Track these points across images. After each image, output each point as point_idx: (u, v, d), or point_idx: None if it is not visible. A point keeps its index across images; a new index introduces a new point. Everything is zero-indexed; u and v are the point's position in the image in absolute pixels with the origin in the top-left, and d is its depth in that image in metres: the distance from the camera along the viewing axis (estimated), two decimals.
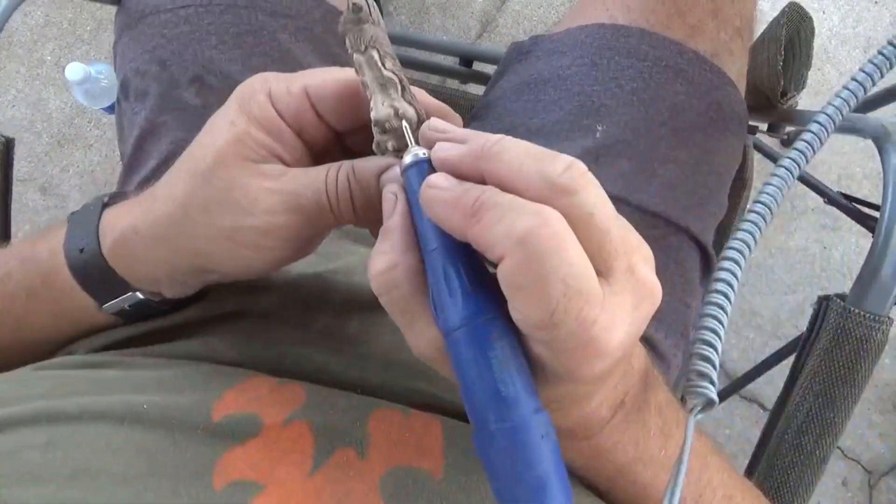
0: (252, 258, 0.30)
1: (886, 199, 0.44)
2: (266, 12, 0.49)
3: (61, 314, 0.36)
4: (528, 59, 0.54)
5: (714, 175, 0.51)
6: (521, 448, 0.22)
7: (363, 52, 0.27)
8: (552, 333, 0.21)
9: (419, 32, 1.22)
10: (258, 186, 0.28)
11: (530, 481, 0.22)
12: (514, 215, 0.21)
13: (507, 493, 0.22)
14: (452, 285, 0.23)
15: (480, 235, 0.22)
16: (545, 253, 0.20)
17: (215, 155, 0.28)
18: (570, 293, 0.20)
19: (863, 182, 1.20)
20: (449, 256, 0.24)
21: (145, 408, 0.30)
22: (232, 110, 0.29)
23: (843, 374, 0.45)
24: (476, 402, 0.23)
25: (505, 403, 0.22)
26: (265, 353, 0.36)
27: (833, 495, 1.13)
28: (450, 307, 0.23)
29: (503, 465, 0.22)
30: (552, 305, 0.20)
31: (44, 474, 0.27)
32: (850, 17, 1.23)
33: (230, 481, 0.28)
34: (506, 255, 0.21)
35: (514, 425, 0.22)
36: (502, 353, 0.22)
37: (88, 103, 1.05)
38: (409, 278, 0.24)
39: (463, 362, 0.23)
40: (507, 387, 0.22)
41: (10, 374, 0.33)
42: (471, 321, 0.23)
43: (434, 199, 0.23)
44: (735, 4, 0.50)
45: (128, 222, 0.32)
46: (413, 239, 0.25)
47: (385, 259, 0.24)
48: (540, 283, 0.20)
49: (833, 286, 1.18)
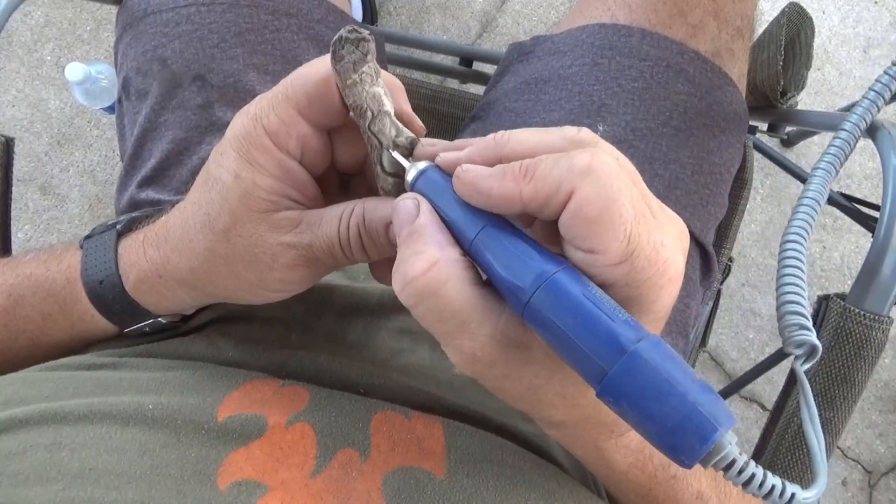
0: (273, 296, 0.31)
1: (886, 199, 0.44)
2: (267, 11, 0.50)
3: (78, 336, 0.36)
4: (529, 59, 0.54)
5: (714, 175, 0.51)
6: (670, 356, 0.20)
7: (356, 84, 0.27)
8: (632, 264, 0.21)
9: (419, 32, 1.22)
10: (276, 242, 0.28)
11: (696, 385, 0.20)
12: (568, 158, 0.22)
13: (675, 412, 0.20)
14: (519, 249, 0.22)
15: (539, 188, 0.22)
16: (610, 177, 0.21)
17: (230, 214, 0.28)
18: (639, 217, 0.21)
19: (863, 182, 1.20)
20: (500, 230, 0.23)
21: (150, 408, 0.30)
22: (233, 160, 0.28)
23: (842, 373, 0.45)
24: (597, 342, 0.20)
25: (631, 325, 0.21)
26: (269, 355, 0.36)
27: (833, 495, 1.13)
28: (524, 269, 0.22)
29: (657, 383, 0.20)
30: (628, 230, 0.21)
31: (49, 474, 0.27)
32: (850, 17, 1.23)
33: (235, 481, 0.28)
34: (575, 189, 0.21)
35: (653, 338, 0.20)
36: (597, 290, 0.22)
37: (88, 103, 1.05)
38: (455, 272, 0.23)
39: (563, 314, 0.21)
40: (623, 313, 0.21)
41: (16, 375, 0.33)
42: (553, 273, 0.21)
43: (478, 177, 0.23)
44: (736, 4, 0.50)
45: (150, 267, 0.32)
46: (447, 234, 0.24)
47: (422, 258, 0.23)
48: (614, 207, 0.21)
49: (833, 286, 1.18)
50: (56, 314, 0.35)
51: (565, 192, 0.21)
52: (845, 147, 0.39)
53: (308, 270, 0.30)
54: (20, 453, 0.28)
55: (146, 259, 0.33)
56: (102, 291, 0.33)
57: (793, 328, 0.31)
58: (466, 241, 0.24)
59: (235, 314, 0.38)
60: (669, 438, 0.20)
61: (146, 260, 0.33)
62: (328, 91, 0.28)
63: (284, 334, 0.37)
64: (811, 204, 0.36)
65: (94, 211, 1.20)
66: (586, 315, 0.21)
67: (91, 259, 0.34)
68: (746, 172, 0.64)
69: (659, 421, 0.20)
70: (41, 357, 0.37)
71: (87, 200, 1.19)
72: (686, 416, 0.19)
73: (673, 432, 0.20)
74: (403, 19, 1.23)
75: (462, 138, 0.51)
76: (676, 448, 0.20)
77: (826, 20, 1.23)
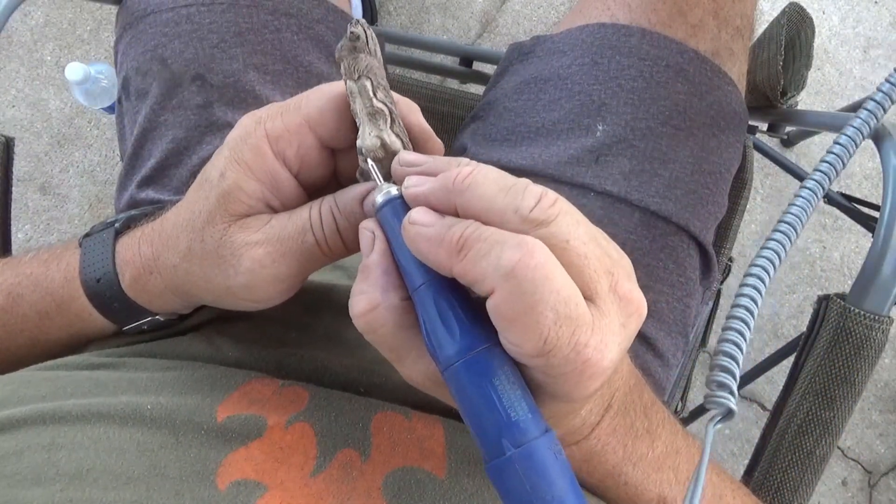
0: (253, 304, 0.30)
1: (886, 199, 0.44)
2: (267, 10, 0.50)
3: (76, 334, 0.36)
4: (529, 59, 0.54)
5: (714, 175, 0.51)
6: (539, 470, 0.22)
7: (356, 80, 0.27)
8: (547, 361, 0.21)
9: (419, 32, 1.22)
10: (242, 242, 0.28)
11: (552, 501, 0.22)
12: (500, 249, 0.21)
13: None
14: (447, 319, 0.23)
15: (467, 271, 0.22)
16: (533, 284, 0.20)
17: (207, 213, 0.28)
18: (561, 320, 0.21)
19: (863, 182, 1.20)
20: (439, 291, 0.24)
21: (149, 409, 0.30)
22: (223, 159, 0.28)
23: (842, 373, 0.45)
24: (486, 431, 0.22)
25: (517, 428, 0.22)
26: (268, 355, 0.36)
27: (833, 495, 1.13)
28: (446, 341, 0.23)
29: (523, 490, 0.22)
30: (545, 333, 0.21)
31: (47, 475, 0.27)
32: (850, 17, 1.23)
33: (234, 482, 0.28)
34: (495, 288, 0.21)
35: (529, 449, 0.22)
36: (506, 379, 0.22)
37: (88, 103, 1.05)
38: (392, 317, 0.24)
39: (467, 393, 0.23)
40: (517, 412, 0.22)
41: (14, 375, 0.33)
42: (470, 353, 0.22)
43: (417, 237, 0.23)
44: (736, 4, 0.50)
45: (143, 265, 0.32)
46: (394, 276, 0.25)
47: (365, 299, 0.24)
48: (531, 313, 0.21)
49: (833, 286, 1.18)
50: (53, 312, 0.35)
51: (487, 287, 0.21)
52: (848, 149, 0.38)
53: (280, 269, 0.28)
54: (18, 454, 0.28)
55: (140, 255, 0.33)
56: (100, 289, 0.33)
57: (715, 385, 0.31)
58: (411, 287, 0.24)
59: (234, 313, 0.38)
60: None
61: (140, 256, 0.33)
62: (342, 108, 0.28)
63: (283, 333, 0.37)
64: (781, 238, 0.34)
65: (94, 211, 1.20)
66: (485, 405, 0.22)
67: (89, 257, 0.34)
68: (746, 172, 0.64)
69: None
70: (40, 357, 0.37)
71: (86, 200, 1.19)
72: None
73: None
74: (403, 19, 1.23)
75: (459, 141, 0.50)
76: None
77: (826, 20, 1.23)
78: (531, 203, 0.22)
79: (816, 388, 0.46)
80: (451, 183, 0.23)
